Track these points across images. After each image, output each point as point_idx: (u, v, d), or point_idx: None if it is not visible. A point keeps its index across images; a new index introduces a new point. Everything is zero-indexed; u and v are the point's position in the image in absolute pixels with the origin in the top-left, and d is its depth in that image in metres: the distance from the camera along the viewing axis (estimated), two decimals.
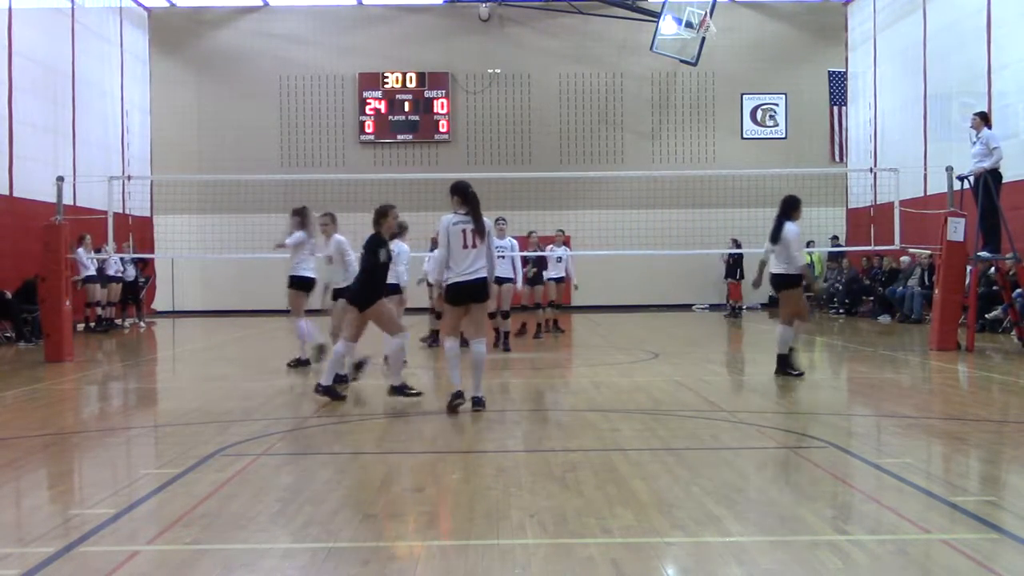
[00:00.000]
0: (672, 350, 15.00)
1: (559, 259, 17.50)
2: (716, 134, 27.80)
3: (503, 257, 14.45)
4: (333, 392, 9.44)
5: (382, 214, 9.58)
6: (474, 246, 8.68)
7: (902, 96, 23.62)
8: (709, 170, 26.58)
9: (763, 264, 11.22)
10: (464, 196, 8.81)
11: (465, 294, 8.75)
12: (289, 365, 12.54)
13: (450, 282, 8.75)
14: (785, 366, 10.89)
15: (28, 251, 16.83)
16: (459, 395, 8.70)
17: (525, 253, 16.70)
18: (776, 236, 10.82)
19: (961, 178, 14.63)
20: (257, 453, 7.14)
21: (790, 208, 10.90)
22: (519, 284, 15.45)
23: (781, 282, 10.95)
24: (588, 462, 6.64)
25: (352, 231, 15.15)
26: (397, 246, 12.68)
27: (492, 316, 14.30)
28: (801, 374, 10.88)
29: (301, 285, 12.67)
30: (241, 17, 27.87)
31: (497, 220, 14.78)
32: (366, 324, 9.54)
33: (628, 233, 23.11)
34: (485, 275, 8.80)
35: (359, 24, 27.95)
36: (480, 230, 8.68)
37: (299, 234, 12.59)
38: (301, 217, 12.82)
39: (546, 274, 17.44)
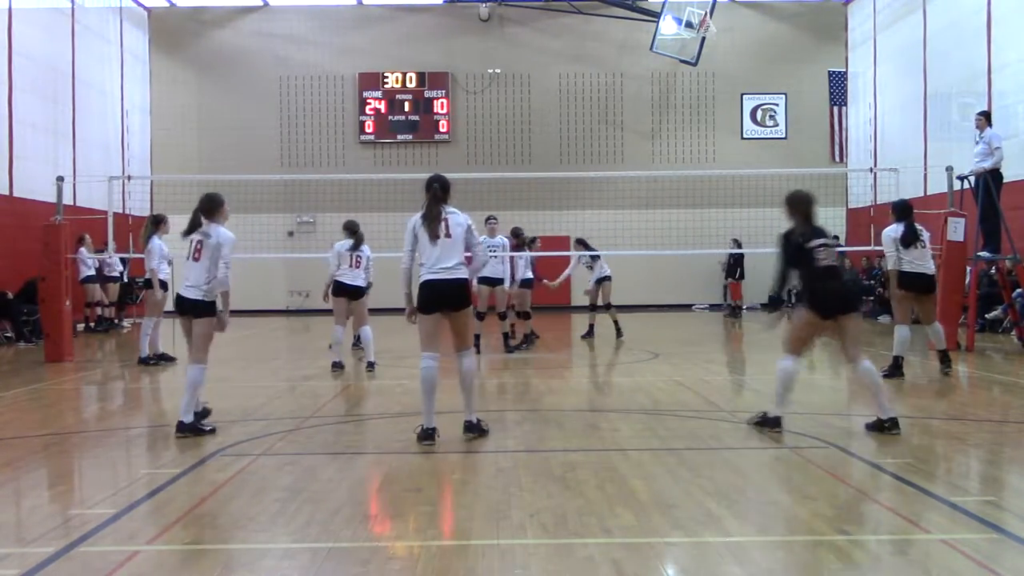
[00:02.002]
0: (672, 350, 14.99)
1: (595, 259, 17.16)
2: (716, 134, 27.80)
3: (495, 256, 13.98)
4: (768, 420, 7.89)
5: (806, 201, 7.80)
6: (447, 236, 7.36)
7: (902, 96, 23.62)
8: (709, 170, 26.57)
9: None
10: (426, 188, 7.54)
11: (438, 295, 7.37)
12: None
13: (422, 279, 7.41)
14: (948, 361, 11.14)
15: (28, 251, 16.82)
16: (430, 434, 7.32)
17: (523, 253, 16.32)
18: (918, 238, 11.01)
19: (961, 178, 14.64)
20: (257, 453, 7.14)
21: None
22: (507, 284, 14.47)
23: (934, 283, 11.10)
24: (588, 462, 6.65)
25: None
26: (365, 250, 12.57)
27: (481, 317, 14.03)
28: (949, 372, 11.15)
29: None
30: (241, 17, 27.88)
31: (488, 219, 14.68)
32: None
33: (628, 233, 23.10)
34: (464, 276, 7.48)
35: (359, 24, 27.95)
36: (432, 220, 7.37)
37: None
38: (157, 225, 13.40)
39: (594, 276, 17.01)
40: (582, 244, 17.38)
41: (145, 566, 4.56)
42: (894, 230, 10.94)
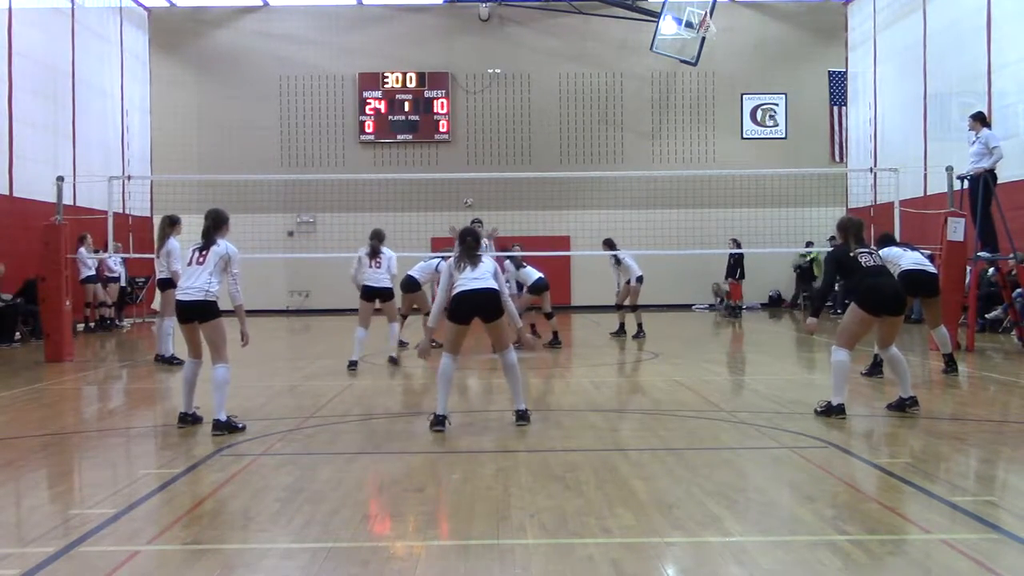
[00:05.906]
0: (672, 350, 15.00)
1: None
2: (716, 134, 27.80)
3: None
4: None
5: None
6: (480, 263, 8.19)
7: (902, 96, 23.62)
8: (709, 170, 26.58)
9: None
10: (459, 239, 8.37)
11: (470, 305, 8.00)
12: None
13: (455, 291, 8.08)
14: (953, 364, 11.24)
15: (28, 251, 16.82)
16: (441, 420, 7.93)
17: (507, 253, 16.17)
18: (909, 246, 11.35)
19: (961, 178, 14.65)
20: (257, 453, 7.14)
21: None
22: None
23: (936, 284, 11.07)
24: (588, 462, 6.65)
25: (352, 230, 15.09)
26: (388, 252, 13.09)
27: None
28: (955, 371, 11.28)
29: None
30: (241, 17, 27.87)
31: (472, 223, 14.64)
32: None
33: (628, 233, 23.07)
34: (494, 287, 8.07)
35: (359, 24, 27.95)
36: (470, 259, 8.17)
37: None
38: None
39: (630, 276, 16.99)
40: (608, 244, 17.44)
41: (145, 566, 4.56)
42: (885, 252, 10.98)
